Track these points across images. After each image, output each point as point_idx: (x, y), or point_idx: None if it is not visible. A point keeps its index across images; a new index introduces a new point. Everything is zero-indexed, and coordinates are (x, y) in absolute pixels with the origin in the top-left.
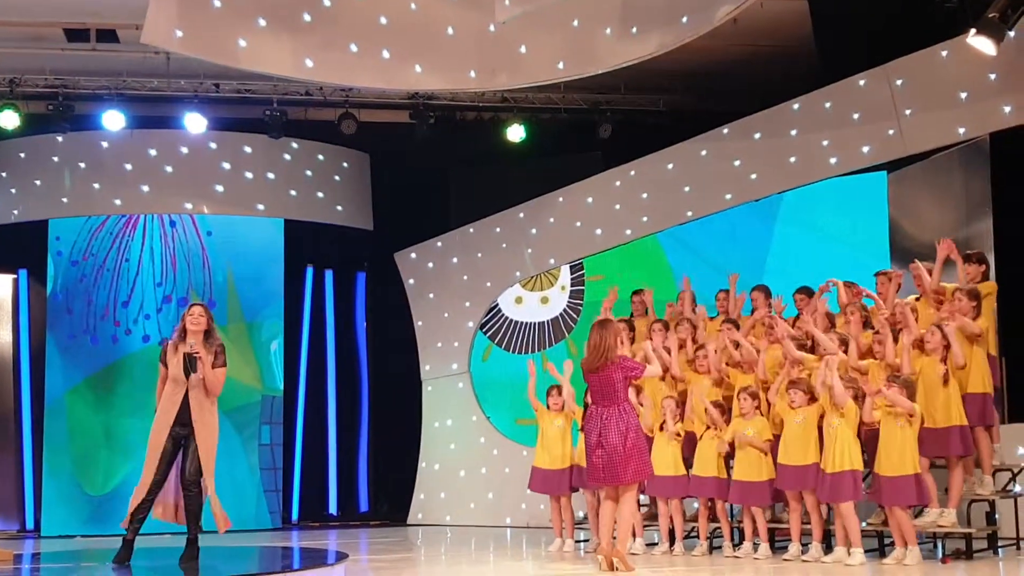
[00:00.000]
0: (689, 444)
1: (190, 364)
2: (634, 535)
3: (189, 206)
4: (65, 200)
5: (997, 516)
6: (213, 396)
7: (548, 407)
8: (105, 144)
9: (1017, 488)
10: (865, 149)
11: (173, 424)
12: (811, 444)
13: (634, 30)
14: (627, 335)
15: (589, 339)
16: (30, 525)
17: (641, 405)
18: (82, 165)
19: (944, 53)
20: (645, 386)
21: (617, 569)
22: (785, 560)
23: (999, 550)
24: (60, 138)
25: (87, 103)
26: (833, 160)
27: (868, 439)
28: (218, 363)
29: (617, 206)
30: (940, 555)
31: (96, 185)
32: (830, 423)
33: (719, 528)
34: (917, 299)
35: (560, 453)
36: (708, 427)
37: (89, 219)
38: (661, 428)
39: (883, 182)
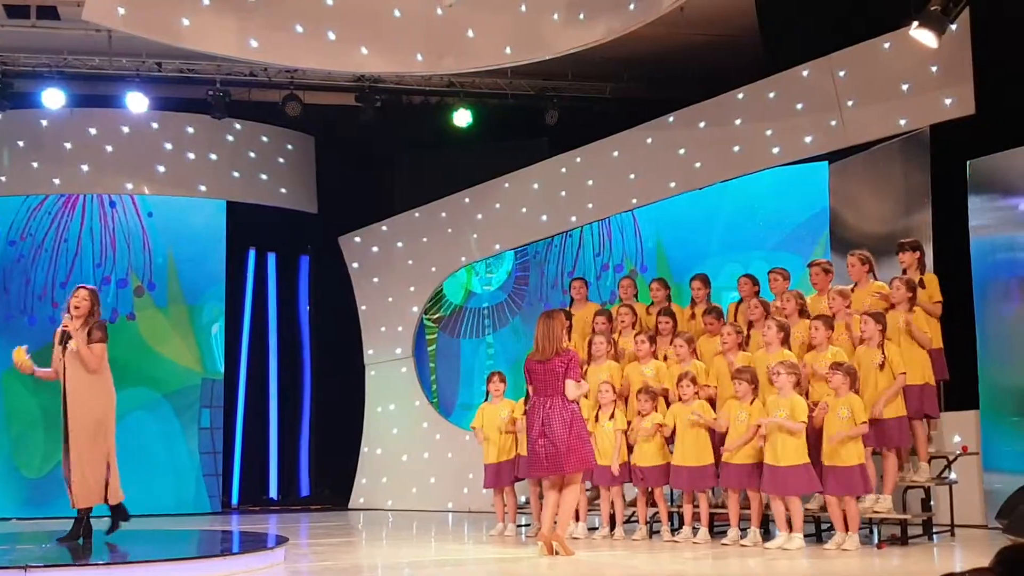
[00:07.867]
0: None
1: (63, 340)
2: (577, 519)
3: (130, 186)
4: (3, 179)
5: (932, 503)
6: (93, 372)
7: (488, 393)
8: (44, 122)
9: (952, 475)
10: (808, 139)
11: (63, 403)
12: (754, 442)
13: (581, 16)
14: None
15: (536, 331)
16: None
17: (585, 397)
18: (20, 143)
19: (886, 45)
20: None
21: (557, 553)
22: (724, 545)
23: (934, 536)
24: None
25: (26, 80)
26: (776, 150)
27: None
28: (93, 339)
29: (563, 192)
30: (876, 540)
31: (35, 164)
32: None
33: (658, 513)
34: (852, 289)
35: (507, 445)
36: (640, 413)
37: (28, 198)
38: (596, 419)
39: (824, 172)
